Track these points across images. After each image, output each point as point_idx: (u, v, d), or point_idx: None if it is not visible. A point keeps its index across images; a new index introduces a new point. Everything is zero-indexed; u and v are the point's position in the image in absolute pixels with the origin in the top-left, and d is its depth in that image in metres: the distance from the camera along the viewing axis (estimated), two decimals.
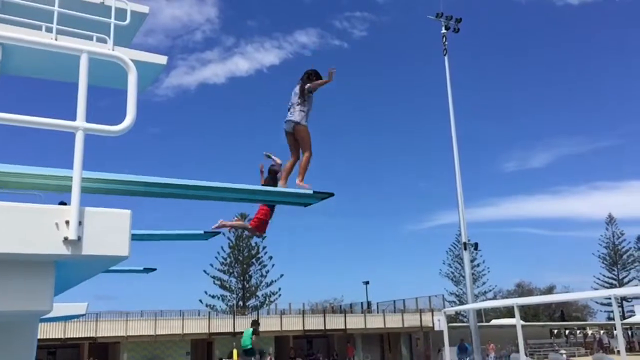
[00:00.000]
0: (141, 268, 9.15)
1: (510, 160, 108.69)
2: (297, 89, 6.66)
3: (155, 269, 9.20)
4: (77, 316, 12.81)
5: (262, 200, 5.75)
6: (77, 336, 30.57)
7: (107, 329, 31.28)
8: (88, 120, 2.63)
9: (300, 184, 6.37)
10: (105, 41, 5.28)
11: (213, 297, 54.42)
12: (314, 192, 5.37)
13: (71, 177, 2.48)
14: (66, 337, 30.23)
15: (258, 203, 5.92)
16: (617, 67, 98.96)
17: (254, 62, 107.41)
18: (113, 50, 4.88)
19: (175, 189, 4.46)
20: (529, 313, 72.55)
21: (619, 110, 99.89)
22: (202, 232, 7.88)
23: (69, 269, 2.72)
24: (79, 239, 2.41)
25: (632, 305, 71.46)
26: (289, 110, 6.63)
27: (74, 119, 2.59)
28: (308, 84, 6.60)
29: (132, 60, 2.88)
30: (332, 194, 5.50)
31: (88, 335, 30.81)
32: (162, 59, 5.84)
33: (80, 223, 2.43)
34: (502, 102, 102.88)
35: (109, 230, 2.49)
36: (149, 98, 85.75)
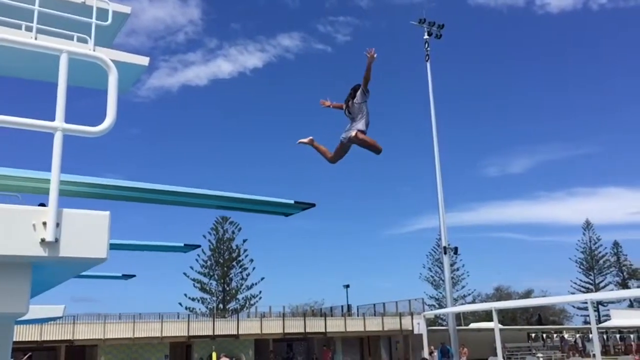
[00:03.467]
0: (120, 274, 9.06)
1: (490, 165, 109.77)
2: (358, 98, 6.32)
3: (134, 276, 9.12)
4: (54, 319, 12.64)
5: (242, 208, 5.73)
6: (54, 339, 30.13)
7: (85, 332, 30.89)
8: (68, 120, 2.61)
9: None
10: (86, 41, 5.23)
11: (193, 299, 54.09)
12: (295, 202, 5.37)
13: (49, 179, 2.46)
14: (43, 339, 29.78)
15: (237, 211, 5.88)
16: (596, 76, 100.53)
17: (237, 65, 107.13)
18: (94, 50, 4.84)
19: (155, 195, 4.43)
20: (507, 317, 73.16)
21: (597, 118, 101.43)
22: (182, 244, 7.82)
23: (46, 271, 2.69)
24: (57, 240, 2.38)
25: (608, 310, 72.44)
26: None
27: (53, 119, 2.57)
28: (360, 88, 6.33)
29: (114, 61, 2.87)
30: (313, 205, 5.50)
31: (65, 338, 30.40)
32: (143, 60, 5.80)
33: (57, 225, 2.40)
34: (483, 109, 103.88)
35: (88, 232, 2.47)
36: (130, 99, 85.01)
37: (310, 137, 6.37)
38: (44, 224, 2.38)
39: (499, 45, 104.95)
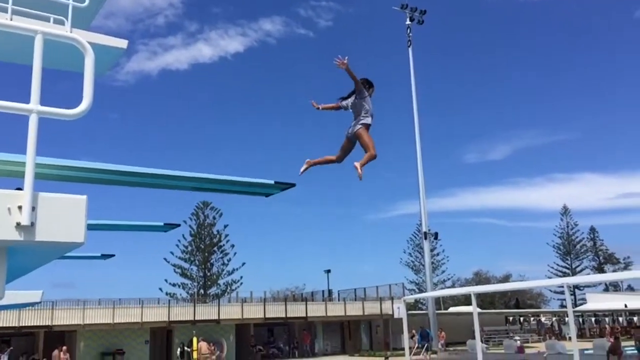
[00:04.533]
0: (99, 254, 9.01)
1: (471, 152, 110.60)
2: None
3: (113, 255, 9.08)
4: (32, 304, 12.55)
5: (222, 189, 5.70)
6: (33, 324, 29.92)
7: (64, 318, 30.69)
8: (46, 104, 2.57)
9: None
10: (63, 23, 5.13)
11: (173, 285, 54.02)
12: (275, 182, 5.36)
13: (24, 162, 2.43)
14: (21, 325, 29.56)
15: (219, 192, 5.86)
16: (574, 62, 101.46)
17: (217, 49, 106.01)
18: (71, 32, 4.76)
19: (133, 177, 4.39)
20: (485, 301, 74.24)
21: (575, 105, 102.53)
22: (162, 223, 7.76)
23: (22, 256, 2.66)
24: (32, 224, 2.36)
25: (584, 294, 73.91)
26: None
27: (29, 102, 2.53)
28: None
29: (91, 44, 2.83)
30: (293, 185, 5.50)
31: (44, 324, 30.18)
32: (122, 43, 5.71)
33: (33, 208, 2.38)
34: (464, 95, 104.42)
35: (64, 216, 2.45)
36: (109, 83, 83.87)
37: (306, 160, 6.28)
38: (20, 207, 2.36)
39: (480, 33, 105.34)
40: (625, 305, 55.50)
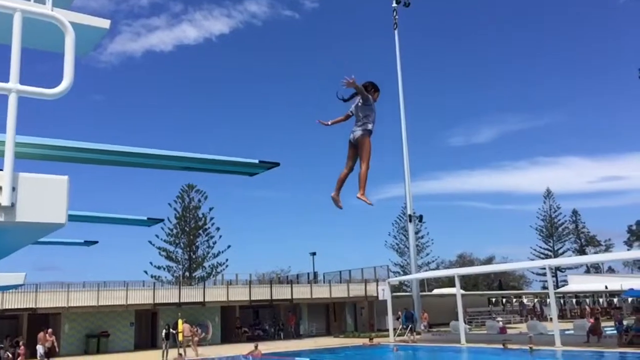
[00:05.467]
0: (82, 241, 8.92)
1: (456, 135, 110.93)
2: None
3: (96, 242, 8.99)
4: (15, 286, 12.46)
5: (205, 168, 5.66)
6: (16, 307, 29.78)
7: (48, 300, 30.57)
8: (26, 84, 2.53)
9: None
10: (44, 2, 5.03)
11: (159, 268, 53.92)
12: (260, 161, 5.33)
13: (4, 142, 2.39)
14: (4, 308, 29.40)
15: (202, 172, 5.81)
16: (559, 46, 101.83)
17: (202, 31, 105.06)
18: (52, 10, 4.67)
19: (115, 156, 4.34)
20: (469, 283, 75.09)
21: (559, 88, 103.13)
22: (145, 218, 7.68)
23: (3, 237, 2.63)
24: (13, 205, 2.33)
25: (566, 276, 75.05)
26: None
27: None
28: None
29: (72, 23, 2.78)
30: (277, 164, 5.48)
31: (27, 306, 30.04)
32: (104, 23, 5.61)
33: (14, 189, 2.35)
34: (450, 78, 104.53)
35: (45, 196, 2.42)
36: (93, 64, 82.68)
37: (332, 197, 6.23)
38: None
39: (467, 14, 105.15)
40: (606, 287, 56.44)
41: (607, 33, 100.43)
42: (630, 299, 48.26)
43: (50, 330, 25.75)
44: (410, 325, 31.33)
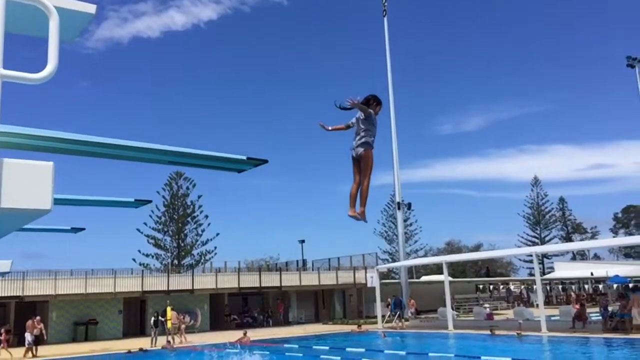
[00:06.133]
0: (69, 227, 8.84)
1: (445, 123, 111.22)
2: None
3: (83, 229, 8.91)
4: (2, 274, 12.38)
5: (193, 163, 5.61)
6: (3, 295, 29.61)
7: (35, 288, 30.42)
8: (12, 69, 2.50)
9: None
10: None
11: (147, 256, 53.80)
12: (248, 158, 5.29)
13: None
14: None
15: (190, 166, 5.76)
16: (548, 35, 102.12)
17: (190, 17, 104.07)
18: None
19: (100, 148, 4.29)
20: (457, 270, 75.70)
21: (547, 77, 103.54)
22: (132, 199, 7.58)
23: None
24: None
25: (552, 262, 75.75)
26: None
27: None
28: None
29: (57, 7, 2.73)
30: (266, 161, 5.43)
31: (14, 294, 29.90)
32: (90, 8, 5.54)
33: None
34: (439, 67, 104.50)
35: (30, 182, 2.40)
36: (79, 50, 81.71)
37: (350, 215, 6.23)
38: None
39: (457, 2, 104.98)
40: (592, 274, 57.08)
41: (595, 21, 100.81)
42: (615, 286, 48.81)
43: (38, 317, 25.66)
44: (398, 312, 31.57)
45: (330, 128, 6.24)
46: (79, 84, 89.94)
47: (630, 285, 53.01)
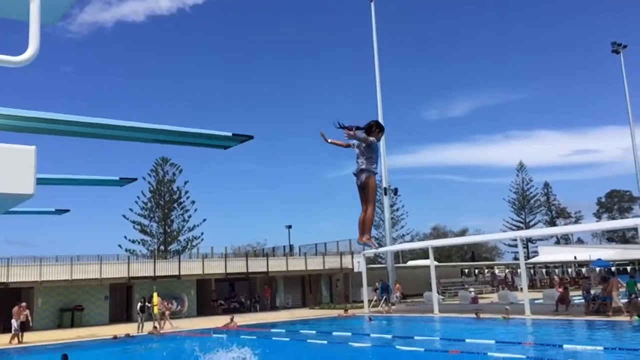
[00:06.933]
0: (53, 209, 8.81)
1: (432, 108, 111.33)
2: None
3: (68, 210, 8.88)
4: None
5: (178, 141, 5.60)
6: None
7: (20, 274, 30.20)
8: None
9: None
10: None
11: (133, 242, 53.59)
12: (233, 134, 5.30)
13: None
14: None
15: (174, 144, 5.73)
16: (534, 21, 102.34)
17: (175, 1, 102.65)
18: None
19: (84, 127, 4.25)
20: (442, 254, 76.29)
21: (534, 63, 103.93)
22: (117, 178, 7.56)
23: None
24: None
25: (536, 247, 76.60)
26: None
27: None
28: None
29: None
30: (251, 137, 5.46)
31: None
32: None
33: None
34: (426, 52, 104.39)
35: (13, 167, 2.38)
36: (62, 34, 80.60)
37: (363, 241, 6.25)
38: None
39: None
40: (575, 257, 57.82)
41: (580, 7, 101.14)
42: (597, 269, 49.51)
43: (24, 304, 25.52)
44: (385, 297, 31.82)
45: (330, 140, 6.19)
46: (61, 68, 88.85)
47: (613, 268, 53.82)
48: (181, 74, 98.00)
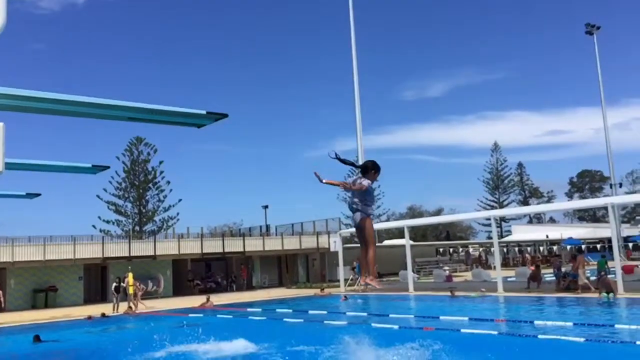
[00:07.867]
0: (24, 193, 8.63)
1: (409, 89, 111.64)
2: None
3: (39, 194, 8.71)
4: None
5: (151, 119, 5.52)
6: None
7: None
8: None
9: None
10: None
11: (107, 222, 53.07)
12: (207, 112, 5.24)
13: None
14: None
15: (147, 122, 5.65)
16: (510, 3, 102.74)
17: None
18: None
19: (56, 105, 4.16)
20: (418, 234, 77.09)
21: (508, 44, 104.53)
22: (89, 165, 7.42)
23: None
24: None
25: (510, 226, 77.86)
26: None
27: None
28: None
29: None
30: (225, 115, 5.40)
31: None
32: None
33: None
34: (403, 33, 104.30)
35: None
36: (32, 10, 78.57)
37: (367, 281, 6.26)
38: None
39: None
40: (547, 236, 58.98)
41: None
42: (569, 247, 50.62)
43: None
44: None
45: (324, 181, 6.11)
46: (32, 45, 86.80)
47: (583, 247, 55.00)
48: (157, 52, 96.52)
